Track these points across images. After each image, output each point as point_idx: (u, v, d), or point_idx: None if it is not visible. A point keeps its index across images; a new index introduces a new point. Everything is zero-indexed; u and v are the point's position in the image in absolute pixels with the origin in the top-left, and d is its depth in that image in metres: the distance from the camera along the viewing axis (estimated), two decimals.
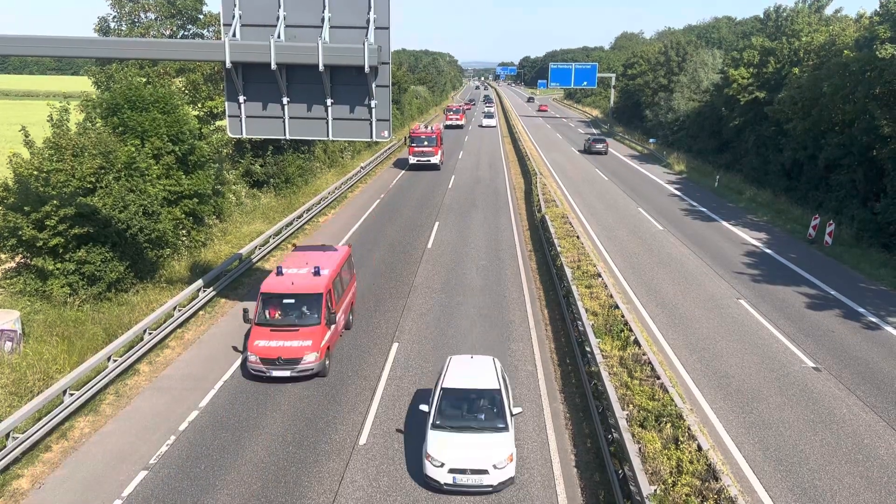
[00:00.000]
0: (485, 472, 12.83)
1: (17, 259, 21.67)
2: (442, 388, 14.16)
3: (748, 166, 49.08)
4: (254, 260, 27.63)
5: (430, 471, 13.03)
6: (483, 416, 13.79)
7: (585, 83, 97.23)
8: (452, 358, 15.46)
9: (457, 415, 13.81)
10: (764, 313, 22.99)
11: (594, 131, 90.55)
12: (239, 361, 18.95)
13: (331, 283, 19.03)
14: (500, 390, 14.11)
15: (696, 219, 38.18)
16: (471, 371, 14.74)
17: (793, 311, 23.35)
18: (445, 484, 12.91)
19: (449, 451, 12.99)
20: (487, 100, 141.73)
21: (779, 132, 43.97)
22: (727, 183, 48.20)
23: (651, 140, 70.80)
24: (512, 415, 13.98)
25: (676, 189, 48.08)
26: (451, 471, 12.85)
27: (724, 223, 36.93)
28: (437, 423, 13.58)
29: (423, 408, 14.35)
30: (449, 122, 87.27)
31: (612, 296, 21.20)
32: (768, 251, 31.27)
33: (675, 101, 69.91)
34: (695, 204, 42.46)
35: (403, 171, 53.53)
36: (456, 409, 13.92)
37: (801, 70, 42.21)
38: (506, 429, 13.47)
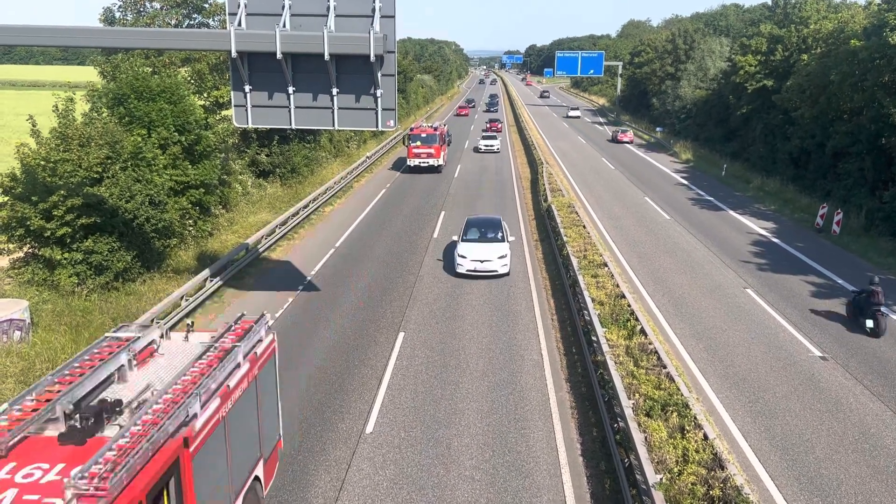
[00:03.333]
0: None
1: (25, 249, 21.76)
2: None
3: (755, 155, 48.84)
4: (260, 250, 27.70)
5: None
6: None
7: (592, 71, 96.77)
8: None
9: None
10: (771, 302, 22.94)
11: (601, 119, 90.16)
12: None
13: None
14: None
15: (703, 208, 38.05)
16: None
17: (800, 300, 23.29)
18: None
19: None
20: (492, 103, 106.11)
21: (786, 120, 43.71)
22: (734, 172, 47.99)
23: (658, 128, 70.50)
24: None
25: (683, 178, 47.91)
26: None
27: (731, 212, 36.80)
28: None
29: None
30: (415, 161, 47.72)
31: (618, 285, 21.18)
32: (775, 240, 31.16)
33: (682, 90, 69.57)
34: (702, 193, 42.31)
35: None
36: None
37: (810, 58, 41.89)
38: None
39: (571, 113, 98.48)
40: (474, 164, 52.21)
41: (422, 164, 47.37)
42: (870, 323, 20.07)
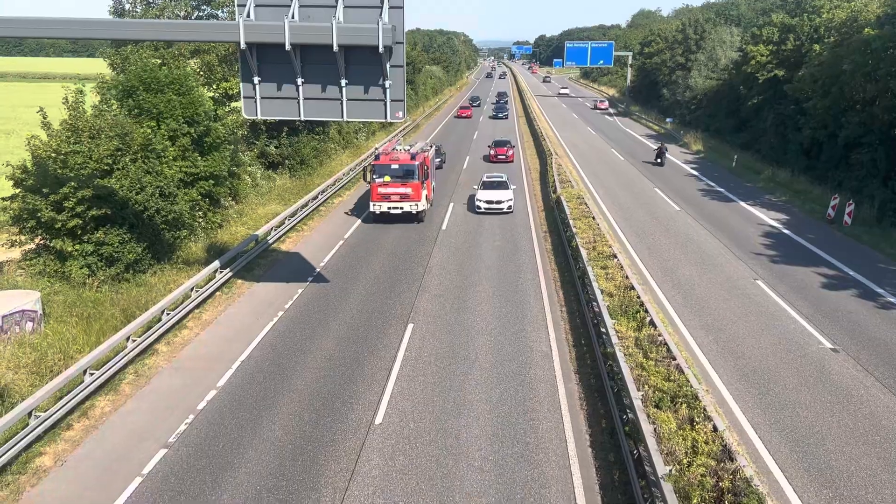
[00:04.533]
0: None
1: (37, 240, 21.90)
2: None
3: (766, 145, 48.49)
4: (270, 241, 27.77)
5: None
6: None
7: (602, 62, 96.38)
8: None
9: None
10: (781, 294, 22.82)
11: (610, 109, 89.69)
12: (256, 342, 19.12)
13: None
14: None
15: (713, 199, 37.85)
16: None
17: (811, 291, 23.16)
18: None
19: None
20: (500, 107, 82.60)
21: (798, 111, 43.33)
22: (745, 162, 47.69)
23: (668, 119, 70.11)
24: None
25: (693, 169, 47.65)
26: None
27: (742, 203, 36.59)
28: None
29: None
30: (382, 206, 31.53)
31: (627, 277, 21.11)
32: (786, 231, 30.98)
33: (692, 80, 69.08)
34: (712, 184, 42.09)
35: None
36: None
37: (822, 47, 41.47)
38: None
39: (562, 91, 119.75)
40: (483, 158, 51.83)
41: (392, 211, 30.83)
42: None
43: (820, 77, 38.86)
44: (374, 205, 31.00)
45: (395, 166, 30.66)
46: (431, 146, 39.53)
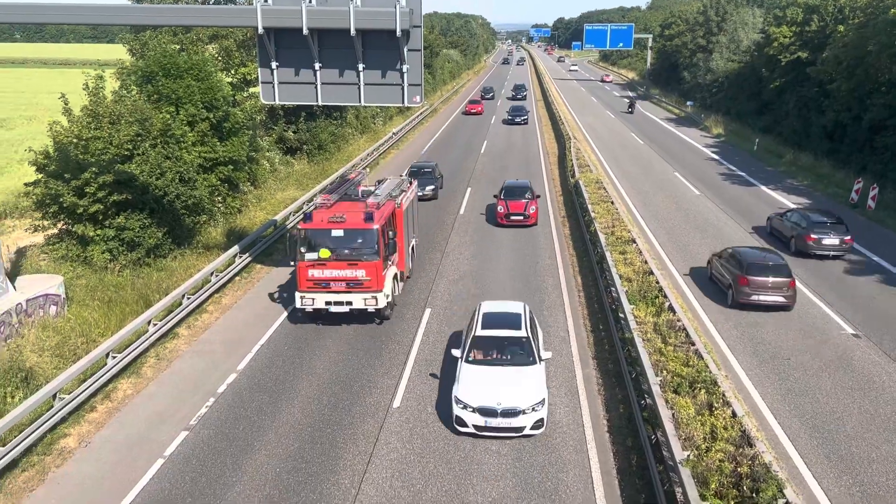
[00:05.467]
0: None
1: (60, 226, 22.16)
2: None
3: (789, 129, 47.83)
4: (288, 226, 27.90)
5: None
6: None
7: (621, 45, 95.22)
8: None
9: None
10: (802, 279, 22.55)
11: (630, 92, 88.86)
12: (275, 326, 19.27)
13: None
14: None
15: (734, 183, 37.45)
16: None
17: (833, 276, 22.89)
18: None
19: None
20: (517, 109, 61.86)
21: (821, 93, 42.64)
22: (767, 146, 47.09)
23: (688, 102, 69.32)
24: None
25: (714, 153, 47.14)
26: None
27: (763, 187, 36.17)
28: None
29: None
30: (313, 300, 18.79)
31: (646, 262, 20.99)
32: None
33: (713, 62, 68.17)
34: (733, 168, 41.62)
35: (434, 138, 53.28)
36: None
37: (847, 28, 40.69)
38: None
39: (571, 69, 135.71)
40: (501, 141, 51.41)
41: (333, 309, 18.82)
42: None
43: (844, 58, 38.18)
44: (301, 297, 18.58)
45: (337, 233, 18.48)
46: (416, 175, 31.62)
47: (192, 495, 12.40)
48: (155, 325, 17.86)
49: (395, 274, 20.12)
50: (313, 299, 18.67)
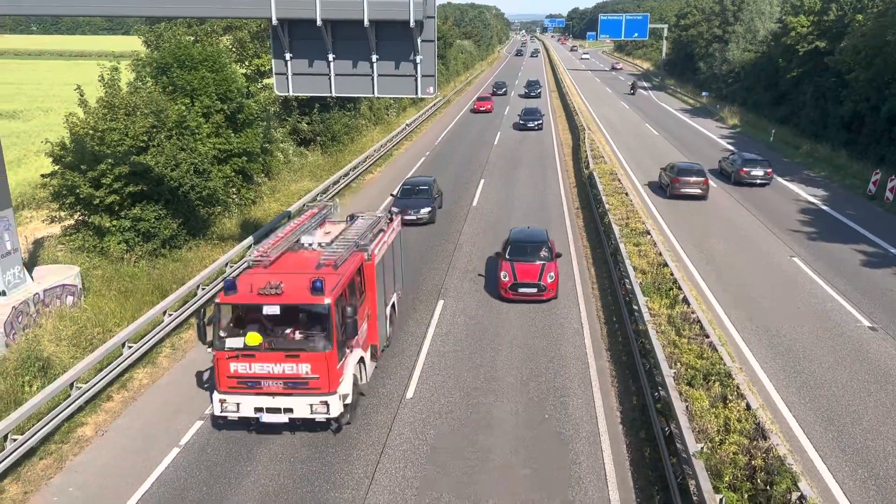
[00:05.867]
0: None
1: (76, 216, 22.35)
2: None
3: (806, 119, 47.35)
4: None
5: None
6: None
7: (636, 35, 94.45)
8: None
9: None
10: (818, 271, 22.40)
11: (644, 83, 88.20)
12: None
13: None
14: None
15: None
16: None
17: (849, 269, 22.69)
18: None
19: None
20: (529, 106, 56.32)
21: (839, 83, 42.15)
22: (783, 137, 46.65)
23: (704, 93, 68.76)
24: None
25: (729, 144, 46.74)
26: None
27: (779, 179, 35.83)
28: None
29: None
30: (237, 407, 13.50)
31: (660, 253, 20.89)
32: (825, 207, 30.31)
33: (729, 53, 67.55)
34: None
35: (447, 130, 53.16)
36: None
37: (865, 17, 40.17)
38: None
39: (583, 56, 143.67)
40: (515, 132, 51.23)
41: (265, 418, 13.43)
42: None
43: (863, 48, 37.69)
44: (221, 401, 13.44)
45: (271, 309, 13.26)
46: (409, 193, 27.74)
47: (207, 484, 12.52)
48: (170, 315, 17.99)
49: (361, 357, 14.66)
50: (238, 404, 13.18)
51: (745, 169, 33.60)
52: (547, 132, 51.24)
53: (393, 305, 17.82)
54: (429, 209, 27.55)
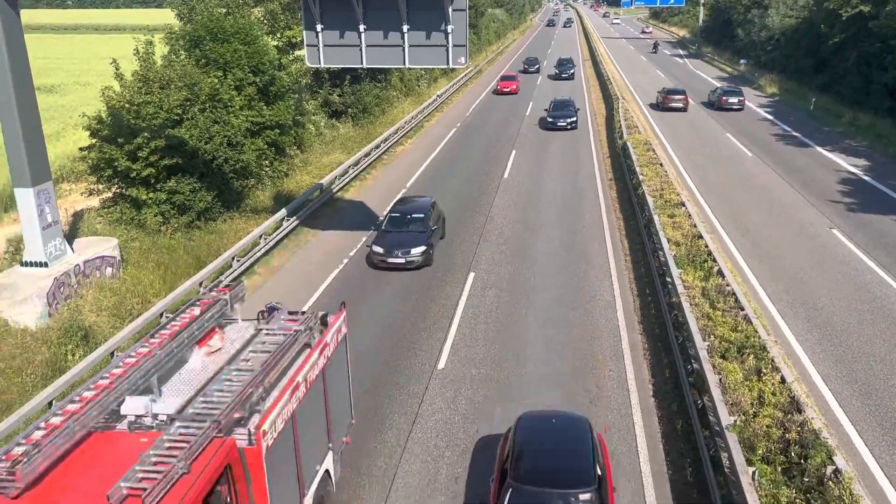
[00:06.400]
0: None
1: (114, 189, 22.73)
2: None
3: (848, 87, 45.95)
4: (334, 190, 28.12)
5: None
6: None
7: (672, 1, 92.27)
8: None
9: None
10: (858, 243, 21.91)
11: (680, 51, 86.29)
12: (322, 288, 19.56)
13: None
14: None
15: (788, 144, 36.30)
16: None
17: (891, 241, 22.15)
18: None
19: None
20: (561, 98, 43.23)
21: (884, 49, 40.73)
22: (824, 105, 45.40)
23: (742, 60, 67.04)
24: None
25: (767, 113, 45.69)
26: None
27: (819, 148, 34.98)
28: None
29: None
30: None
31: (695, 225, 20.61)
32: (866, 178, 29.54)
33: (769, 19, 65.57)
34: (787, 129, 40.29)
35: (479, 101, 52.73)
36: None
37: None
38: None
39: (614, 21, 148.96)
40: (549, 101, 50.58)
41: None
42: None
43: None
44: None
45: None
46: (397, 223, 21.26)
47: None
48: (206, 287, 18.28)
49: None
50: None
51: (724, 98, 45.84)
52: (580, 102, 50.52)
53: (329, 472, 10.83)
54: (422, 248, 20.30)
